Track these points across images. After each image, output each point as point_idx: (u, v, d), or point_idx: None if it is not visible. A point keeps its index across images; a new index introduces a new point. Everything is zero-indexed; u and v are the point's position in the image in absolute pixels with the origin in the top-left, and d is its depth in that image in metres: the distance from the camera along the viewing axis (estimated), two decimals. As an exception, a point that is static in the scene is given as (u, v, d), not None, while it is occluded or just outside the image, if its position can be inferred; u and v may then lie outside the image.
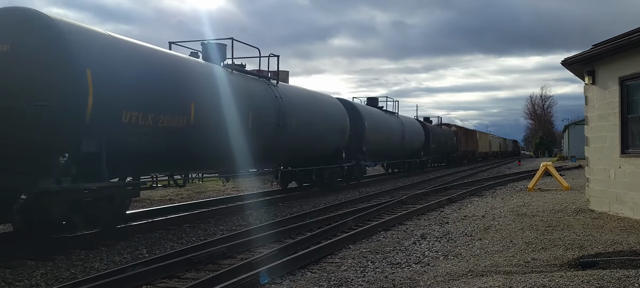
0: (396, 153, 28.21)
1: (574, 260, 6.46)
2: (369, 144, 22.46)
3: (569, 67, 12.20)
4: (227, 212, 13.17)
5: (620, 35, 10.05)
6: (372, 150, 23.38)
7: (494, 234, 8.84)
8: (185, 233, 10.44)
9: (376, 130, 23.69)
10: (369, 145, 22.49)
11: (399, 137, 27.66)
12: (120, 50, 9.50)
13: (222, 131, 11.76)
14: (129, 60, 9.56)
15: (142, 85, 9.61)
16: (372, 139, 22.80)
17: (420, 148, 33.19)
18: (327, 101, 19.38)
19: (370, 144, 22.70)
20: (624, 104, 10.06)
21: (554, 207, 11.78)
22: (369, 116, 23.15)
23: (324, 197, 17.34)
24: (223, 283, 6.00)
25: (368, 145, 22.40)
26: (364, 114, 22.36)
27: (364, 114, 22.42)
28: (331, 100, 20.07)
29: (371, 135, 22.61)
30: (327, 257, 8.05)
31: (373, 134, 22.97)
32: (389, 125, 26.50)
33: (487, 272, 6.15)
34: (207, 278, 6.37)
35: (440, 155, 42.00)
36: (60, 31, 8.22)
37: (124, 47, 9.74)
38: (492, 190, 19.17)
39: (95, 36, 9.09)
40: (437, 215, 12.60)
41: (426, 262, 7.40)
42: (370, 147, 22.73)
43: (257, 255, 7.84)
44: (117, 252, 8.55)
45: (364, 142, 21.94)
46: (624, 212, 9.91)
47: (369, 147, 22.51)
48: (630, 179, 9.78)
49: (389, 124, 26.61)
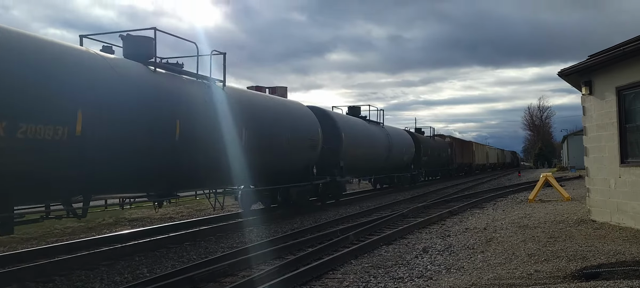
0: (382, 167, 25.77)
1: (577, 271, 6.43)
2: (347, 157, 19.84)
3: (566, 78, 12.25)
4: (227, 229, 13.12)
5: (615, 46, 10.11)
6: (352, 165, 20.83)
7: (496, 246, 8.81)
8: (186, 251, 10.39)
9: (356, 143, 21.10)
10: (347, 159, 19.90)
11: (385, 150, 25.16)
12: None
13: (128, 146, 9.22)
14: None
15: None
16: (351, 152, 20.18)
17: (410, 162, 30.60)
18: (293, 109, 16.64)
19: (349, 157, 20.09)
20: (622, 113, 10.09)
21: (555, 218, 11.75)
22: (347, 126, 20.64)
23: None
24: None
25: (346, 159, 19.81)
26: (340, 124, 19.78)
27: (341, 124, 19.87)
28: (300, 108, 17.40)
29: (350, 147, 20.06)
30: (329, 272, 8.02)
31: (352, 146, 20.38)
32: (372, 137, 23.82)
33: (490, 285, 6.12)
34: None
35: (433, 168, 39.91)
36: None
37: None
38: (492, 202, 19.14)
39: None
40: (439, 228, 12.56)
41: (429, 276, 7.37)
42: (349, 161, 20.16)
43: (259, 272, 7.81)
44: (117, 272, 8.51)
45: (341, 155, 19.34)
46: (626, 222, 9.89)
47: (347, 161, 19.94)
48: (631, 189, 9.77)
49: (372, 135, 23.90)
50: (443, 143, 43.52)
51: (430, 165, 37.60)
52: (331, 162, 18.87)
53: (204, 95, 11.67)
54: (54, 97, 7.79)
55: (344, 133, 19.64)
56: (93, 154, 8.42)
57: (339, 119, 20.18)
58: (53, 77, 7.91)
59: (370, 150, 23.31)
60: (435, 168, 40.83)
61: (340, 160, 19.26)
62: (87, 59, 8.94)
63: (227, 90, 12.80)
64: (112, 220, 15.44)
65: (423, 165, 34.41)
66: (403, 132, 31.59)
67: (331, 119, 19.50)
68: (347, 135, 19.83)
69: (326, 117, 19.21)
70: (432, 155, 36.69)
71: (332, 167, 18.91)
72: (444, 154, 41.92)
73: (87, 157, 8.35)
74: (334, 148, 18.95)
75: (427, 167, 36.79)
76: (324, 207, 18.71)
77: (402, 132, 31.19)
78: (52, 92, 7.79)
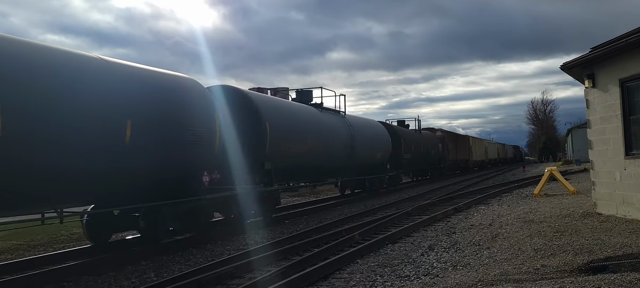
0: (343, 168, 20.08)
1: (584, 265, 6.42)
2: (277, 158, 14.48)
3: (569, 71, 12.22)
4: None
5: (618, 37, 10.09)
6: (286, 168, 15.36)
7: (502, 242, 8.80)
8: (192, 255, 10.42)
9: (290, 136, 15.24)
10: (277, 161, 14.51)
11: (344, 146, 19.45)
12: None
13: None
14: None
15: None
16: (281, 151, 14.70)
17: (386, 160, 25.11)
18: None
19: (281, 157, 14.70)
20: (626, 105, 10.06)
21: (561, 212, 11.73)
22: (276, 114, 14.87)
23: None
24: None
25: (276, 161, 14.44)
26: (264, 111, 14.12)
27: (265, 111, 14.20)
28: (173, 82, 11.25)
29: (280, 142, 14.57)
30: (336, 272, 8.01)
31: (283, 140, 14.77)
32: (320, 128, 17.64)
33: (497, 281, 6.12)
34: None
35: (420, 166, 34.50)
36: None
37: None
38: (498, 198, 19.10)
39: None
40: (444, 225, 12.55)
41: (435, 273, 7.37)
42: (281, 164, 14.79)
43: (264, 274, 7.82)
44: (125, 277, 8.54)
45: (267, 155, 14.08)
46: (632, 214, 9.86)
47: (278, 162, 14.57)
48: (636, 181, 9.75)
49: (321, 126, 17.77)
50: (433, 137, 38.00)
51: (416, 164, 32.45)
52: (255, 164, 13.67)
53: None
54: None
55: (269, 123, 14.13)
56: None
57: (262, 105, 14.44)
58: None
59: (319, 146, 17.24)
60: (423, 167, 35.70)
61: (266, 160, 14.13)
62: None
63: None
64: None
65: (406, 163, 29.26)
66: (375, 123, 25.59)
67: (248, 99, 14.06)
68: (274, 127, 14.30)
69: (242, 97, 14.06)
70: (417, 152, 31.38)
71: (254, 171, 13.63)
72: (434, 150, 36.66)
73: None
74: (256, 143, 13.75)
75: (412, 165, 31.83)
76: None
77: (373, 123, 25.10)
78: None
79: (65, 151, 8.08)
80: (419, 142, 32.44)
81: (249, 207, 13.18)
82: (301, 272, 7.57)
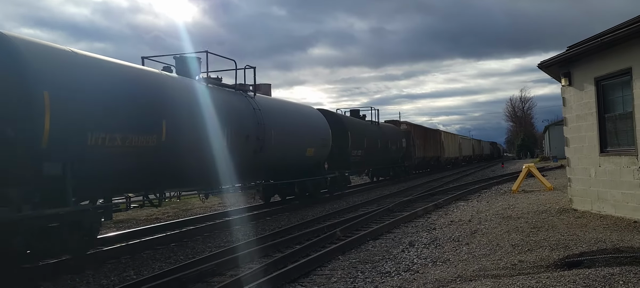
0: (245, 169, 14.05)
1: (559, 260, 6.56)
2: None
3: (546, 70, 12.43)
4: (214, 228, 13.07)
5: (593, 36, 10.28)
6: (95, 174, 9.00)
7: (481, 238, 8.93)
8: (173, 252, 10.35)
9: (181, 123, 10.80)
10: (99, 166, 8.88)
11: (245, 139, 13.59)
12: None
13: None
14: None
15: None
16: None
17: (323, 158, 19.37)
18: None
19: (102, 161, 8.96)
20: (601, 103, 10.27)
21: (538, 208, 11.94)
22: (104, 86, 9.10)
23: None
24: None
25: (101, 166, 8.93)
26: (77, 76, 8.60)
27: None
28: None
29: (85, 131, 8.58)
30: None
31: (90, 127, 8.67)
32: (196, 108, 11.54)
33: (476, 277, 6.22)
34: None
35: (379, 165, 29.55)
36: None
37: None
38: (477, 194, 19.35)
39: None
40: (425, 222, 12.68)
41: (415, 269, 7.45)
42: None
43: (246, 271, 7.81)
44: (104, 275, 8.45)
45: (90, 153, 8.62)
46: (606, 210, 10.09)
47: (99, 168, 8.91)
48: (610, 177, 9.97)
49: (192, 105, 11.49)
50: (395, 131, 32.35)
51: (371, 162, 27.18)
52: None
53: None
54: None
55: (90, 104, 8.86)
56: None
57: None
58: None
59: (187, 136, 10.98)
60: (382, 166, 30.47)
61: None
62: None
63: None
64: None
65: (356, 162, 23.80)
66: (306, 109, 19.62)
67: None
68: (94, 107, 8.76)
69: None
70: (373, 148, 25.87)
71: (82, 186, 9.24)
72: (397, 146, 31.20)
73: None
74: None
75: (367, 164, 26.79)
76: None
77: (302, 109, 19.21)
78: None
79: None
80: (375, 136, 26.67)
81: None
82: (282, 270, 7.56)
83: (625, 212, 9.51)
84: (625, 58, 9.31)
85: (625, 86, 9.49)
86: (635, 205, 9.25)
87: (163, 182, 11.36)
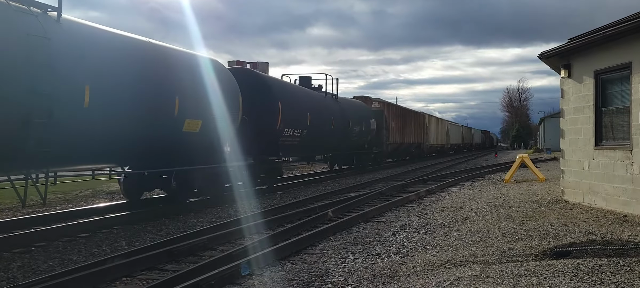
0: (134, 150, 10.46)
1: (549, 249, 6.61)
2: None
3: (546, 61, 12.40)
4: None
5: (595, 29, 10.25)
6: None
7: (472, 225, 8.99)
8: (165, 225, 10.36)
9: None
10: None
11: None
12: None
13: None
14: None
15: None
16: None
17: (219, 139, 12.82)
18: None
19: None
20: (599, 97, 10.28)
21: (529, 198, 12.01)
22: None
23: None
24: (204, 275, 5.99)
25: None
26: None
27: None
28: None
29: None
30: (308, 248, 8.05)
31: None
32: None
33: (465, 262, 6.26)
34: (188, 270, 6.34)
35: (335, 151, 23.49)
36: None
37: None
38: (469, 182, 19.45)
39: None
40: (416, 207, 12.74)
41: (405, 252, 7.50)
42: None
43: (237, 247, 7.84)
44: (95, 244, 8.46)
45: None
46: (597, 203, 10.16)
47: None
48: (604, 171, 10.02)
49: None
50: (362, 109, 25.75)
51: (319, 146, 21.17)
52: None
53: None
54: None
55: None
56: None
57: None
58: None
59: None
60: (340, 153, 23.97)
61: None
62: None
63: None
64: (89, 193, 15.28)
65: (291, 145, 17.41)
66: (186, 55, 12.32)
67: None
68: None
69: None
70: (321, 128, 19.46)
71: None
72: (362, 128, 24.49)
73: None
74: None
75: (308, 149, 20.41)
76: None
77: (184, 56, 12.18)
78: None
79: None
80: (326, 113, 20.24)
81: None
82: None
83: (615, 205, 9.58)
84: (625, 52, 9.30)
85: (624, 81, 9.49)
86: (626, 199, 9.31)
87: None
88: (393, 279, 5.92)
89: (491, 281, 5.19)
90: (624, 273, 5.21)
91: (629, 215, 8.99)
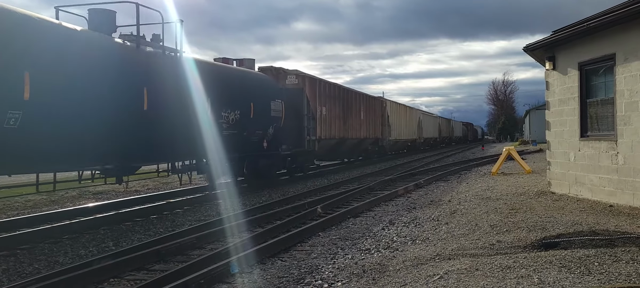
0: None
1: (537, 241, 6.66)
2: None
3: (531, 53, 12.48)
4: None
5: (579, 21, 10.32)
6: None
7: (460, 218, 9.02)
8: (153, 224, 10.27)
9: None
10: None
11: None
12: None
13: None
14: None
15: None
16: None
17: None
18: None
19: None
20: (583, 88, 10.37)
21: (516, 190, 12.09)
22: None
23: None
24: (193, 274, 5.94)
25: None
26: None
27: None
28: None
29: None
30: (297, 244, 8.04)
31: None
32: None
33: (454, 255, 6.28)
34: (176, 270, 6.29)
35: (191, 155, 12.66)
36: None
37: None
38: (457, 175, 19.55)
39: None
40: (405, 201, 12.77)
41: (395, 247, 7.50)
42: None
43: (226, 245, 7.79)
44: (82, 245, 8.36)
45: None
46: (583, 194, 10.26)
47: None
48: (589, 162, 10.12)
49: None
50: (264, 86, 16.88)
51: (168, 148, 11.49)
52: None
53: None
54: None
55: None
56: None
57: None
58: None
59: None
60: (239, 156, 14.92)
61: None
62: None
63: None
64: (76, 194, 15.10)
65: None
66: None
67: None
68: None
69: None
70: (181, 116, 11.30)
71: None
72: (260, 116, 15.52)
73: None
74: None
75: (158, 154, 11.51)
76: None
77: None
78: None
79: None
80: (176, 87, 11.30)
81: None
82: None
83: (601, 196, 9.68)
84: (609, 44, 9.38)
85: (608, 72, 9.58)
86: (612, 189, 9.41)
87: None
88: (383, 274, 5.92)
89: (481, 274, 5.20)
90: (611, 263, 5.25)
91: (614, 205, 9.09)
